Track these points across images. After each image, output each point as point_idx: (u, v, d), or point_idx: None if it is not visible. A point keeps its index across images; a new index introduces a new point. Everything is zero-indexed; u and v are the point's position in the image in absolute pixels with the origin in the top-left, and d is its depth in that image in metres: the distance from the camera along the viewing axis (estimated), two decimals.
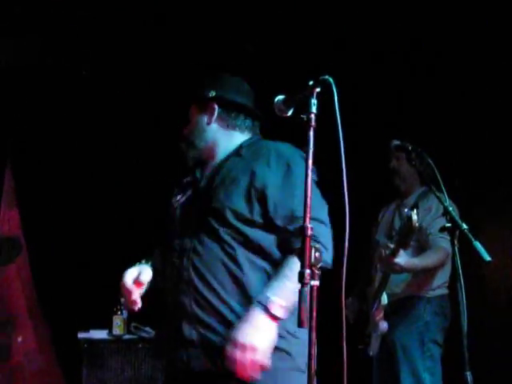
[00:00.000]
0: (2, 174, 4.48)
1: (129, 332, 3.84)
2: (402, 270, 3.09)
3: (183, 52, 4.06)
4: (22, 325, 4.34)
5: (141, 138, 4.38)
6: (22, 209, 4.42)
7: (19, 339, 4.30)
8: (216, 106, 2.10)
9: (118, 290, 3.68)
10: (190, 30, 3.97)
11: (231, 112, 2.10)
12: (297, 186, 1.88)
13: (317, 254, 1.70)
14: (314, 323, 1.67)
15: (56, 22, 3.98)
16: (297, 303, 1.72)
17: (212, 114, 2.10)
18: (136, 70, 4.24)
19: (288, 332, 1.90)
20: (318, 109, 1.67)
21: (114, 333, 3.81)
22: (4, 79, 4.31)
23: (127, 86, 4.29)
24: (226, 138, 2.09)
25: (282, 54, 3.94)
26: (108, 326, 3.82)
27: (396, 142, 3.43)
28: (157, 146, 4.36)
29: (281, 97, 1.86)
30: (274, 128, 2.13)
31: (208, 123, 2.10)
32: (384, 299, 3.15)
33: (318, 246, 1.69)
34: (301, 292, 1.64)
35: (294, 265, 1.79)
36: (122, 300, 3.81)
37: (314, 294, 1.67)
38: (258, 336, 1.78)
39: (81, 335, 3.81)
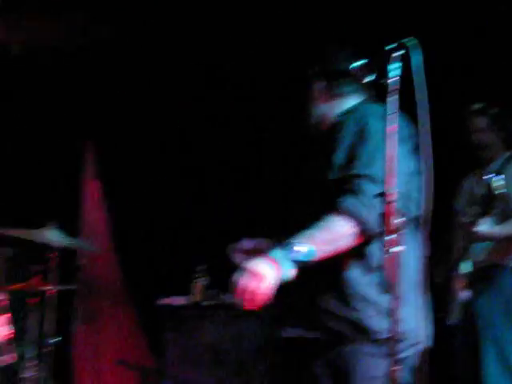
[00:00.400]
0: (83, 146, 4.64)
1: (207, 298, 3.92)
2: (482, 238, 3.02)
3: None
4: (105, 291, 4.54)
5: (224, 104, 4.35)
6: (103, 178, 4.57)
7: (105, 305, 4.50)
8: (318, 82, 2.14)
9: (197, 257, 3.79)
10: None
11: (333, 82, 2.12)
12: (362, 145, 1.89)
13: (399, 220, 1.71)
14: (397, 290, 1.68)
15: None
16: (327, 252, 1.79)
17: (316, 91, 2.15)
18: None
19: (364, 298, 1.89)
20: (401, 72, 1.65)
21: (193, 299, 3.90)
22: (82, 55, 4.43)
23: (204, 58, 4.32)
24: (332, 109, 2.13)
25: (364, 16, 3.83)
26: (187, 292, 3.91)
27: (476, 106, 3.32)
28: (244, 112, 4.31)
29: (359, 62, 1.84)
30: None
31: (315, 100, 2.15)
32: (467, 267, 3.09)
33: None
34: (384, 258, 1.66)
35: (331, 221, 1.81)
36: (200, 267, 3.91)
37: (397, 260, 1.68)
38: (266, 267, 1.77)
39: (162, 301, 3.93)
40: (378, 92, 1.76)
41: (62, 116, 4.47)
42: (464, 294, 3.11)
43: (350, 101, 2.11)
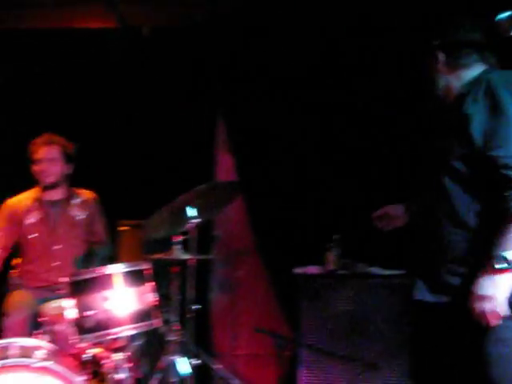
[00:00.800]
0: (216, 121, 4.75)
1: (342, 268, 3.92)
2: None
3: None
4: (241, 261, 4.66)
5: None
6: (236, 152, 4.66)
7: (239, 274, 4.64)
8: (439, 53, 2.17)
9: (331, 227, 3.77)
10: None
11: (455, 53, 2.15)
12: (499, 121, 1.88)
13: None
14: None
15: None
16: None
17: (438, 62, 2.19)
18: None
19: None
20: None
21: (328, 268, 3.92)
22: (208, 30, 4.52)
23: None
24: (455, 80, 2.16)
25: None
26: (322, 261, 3.94)
27: None
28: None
29: (505, 14, 1.76)
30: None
31: (438, 72, 2.20)
32: None
33: None
34: None
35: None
36: (334, 237, 3.91)
37: None
38: (491, 287, 1.89)
39: (297, 270, 3.98)
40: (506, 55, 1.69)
41: (194, 92, 4.59)
42: None
43: (474, 70, 2.11)
